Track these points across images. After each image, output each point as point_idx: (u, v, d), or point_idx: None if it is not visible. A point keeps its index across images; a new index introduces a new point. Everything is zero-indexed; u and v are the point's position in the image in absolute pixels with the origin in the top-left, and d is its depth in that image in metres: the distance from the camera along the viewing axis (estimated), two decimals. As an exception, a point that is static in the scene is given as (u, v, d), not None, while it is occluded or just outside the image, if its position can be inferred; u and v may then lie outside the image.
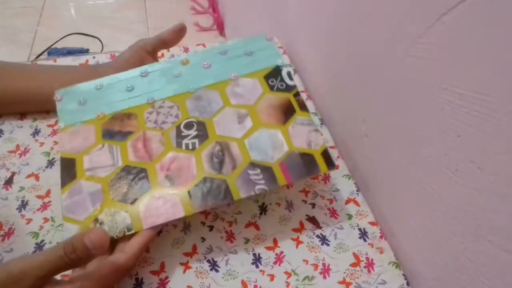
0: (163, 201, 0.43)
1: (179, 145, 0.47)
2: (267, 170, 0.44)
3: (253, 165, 0.45)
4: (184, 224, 0.49)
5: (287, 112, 0.49)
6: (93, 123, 0.50)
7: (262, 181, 0.44)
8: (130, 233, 0.41)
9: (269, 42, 0.54)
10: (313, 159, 0.45)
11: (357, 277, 0.45)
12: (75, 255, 0.34)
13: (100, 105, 0.51)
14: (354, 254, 0.47)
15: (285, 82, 0.51)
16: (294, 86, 0.51)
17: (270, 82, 0.51)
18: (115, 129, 0.49)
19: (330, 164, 0.45)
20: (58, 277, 0.36)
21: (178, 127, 0.49)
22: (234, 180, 0.44)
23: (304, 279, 0.45)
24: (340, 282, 0.45)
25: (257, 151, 0.46)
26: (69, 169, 0.46)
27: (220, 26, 1.72)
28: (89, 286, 0.36)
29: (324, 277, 0.45)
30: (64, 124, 0.50)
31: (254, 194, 0.43)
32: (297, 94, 0.50)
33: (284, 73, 0.52)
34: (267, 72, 0.52)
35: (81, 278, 0.37)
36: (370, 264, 0.46)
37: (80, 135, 0.49)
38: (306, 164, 0.45)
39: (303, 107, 0.49)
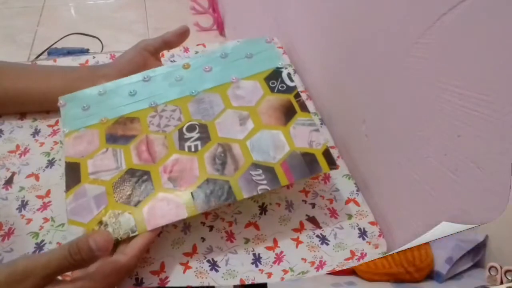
0: (166, 202, 0.43)
1: (181, 147, 0.47)
2: (269, 170, 0.45)
3: (255, 165, 0.45)
4: (184, 224, 0.49)
5: (288, 113, 0.49)
6: (97, 127, 0.50)
7: (264, 181, 0.44)
8: (134, 234, 0.42)
9: (269, 44, 0.55)
10: (315, 158, 0.46)
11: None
12: (80, 256, 0.34)
13: (103, 110, 0.51)
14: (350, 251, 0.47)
15: (285, 84, 0.51)
16: (295, 87, 0.51)
17: (270, 84, 0.51)
18: (118, 133, 0.49)
19: (332, 163, 0.45)
20: (59, 277, 0.36)
21: (180, 130, 0.49)
22: (236, 181, 0.44)
23: (299, 273, 0.45)
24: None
25: (259, 152, 0.46)
26: (73, 173, 0.47)
27: (220, 26, 1.72)
28: (90, 286, 0.37)
29: (317, 270, 0.45)
30: (68, 129, 0.50)
31: (257, 194, 0.43)
32: (297, 95, 0.50)
33: (284, 74, 0.52)
34: (268, 74, 0.52)
35: (82, 278, 0.37)
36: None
37: (84, 140, 0.49)
38: (308, 164, 0.45)
39: (304, 107, 0.49)
